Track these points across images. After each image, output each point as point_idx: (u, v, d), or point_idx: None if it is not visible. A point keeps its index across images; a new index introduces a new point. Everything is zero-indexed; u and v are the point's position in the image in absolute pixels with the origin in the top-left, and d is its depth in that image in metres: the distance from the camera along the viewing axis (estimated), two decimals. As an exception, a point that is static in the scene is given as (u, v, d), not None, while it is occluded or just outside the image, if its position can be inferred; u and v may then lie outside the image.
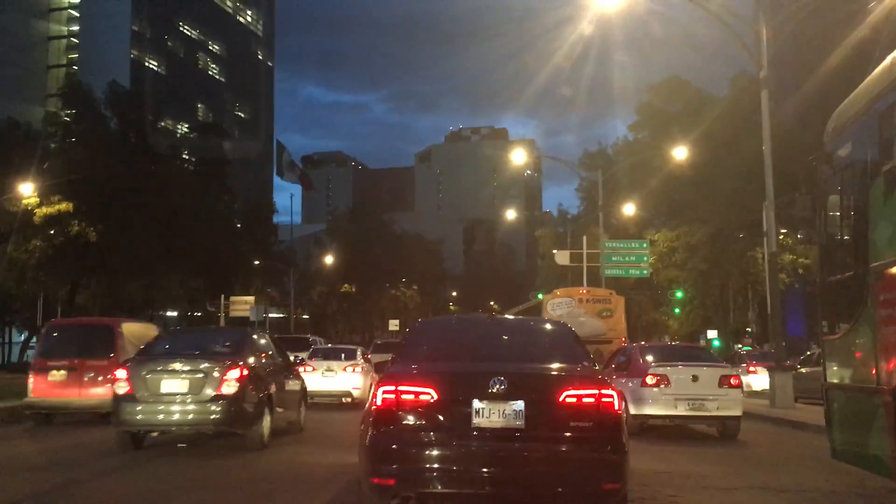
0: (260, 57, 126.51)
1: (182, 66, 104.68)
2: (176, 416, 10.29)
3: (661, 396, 12.39)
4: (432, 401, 5.37)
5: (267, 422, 10.83)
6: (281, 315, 73.10)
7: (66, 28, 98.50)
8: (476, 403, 5.36)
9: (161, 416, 10.26)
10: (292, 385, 12.61)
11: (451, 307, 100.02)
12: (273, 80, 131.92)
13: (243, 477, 8.54)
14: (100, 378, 13.82)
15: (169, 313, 70.00)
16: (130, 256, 39.97)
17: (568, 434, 5.35)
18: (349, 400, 18.27)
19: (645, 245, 34.10)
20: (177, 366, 10.44)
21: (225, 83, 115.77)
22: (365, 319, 71.48)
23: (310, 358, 19.27)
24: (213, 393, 10.16)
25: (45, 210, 32.74)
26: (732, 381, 12.69)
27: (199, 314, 68.44)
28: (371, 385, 14.19)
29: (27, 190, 31.80)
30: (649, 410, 12.56)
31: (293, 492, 7.61)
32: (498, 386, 5.32)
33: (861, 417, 6.69)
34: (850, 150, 7.18)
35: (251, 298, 61.73)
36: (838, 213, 7.41)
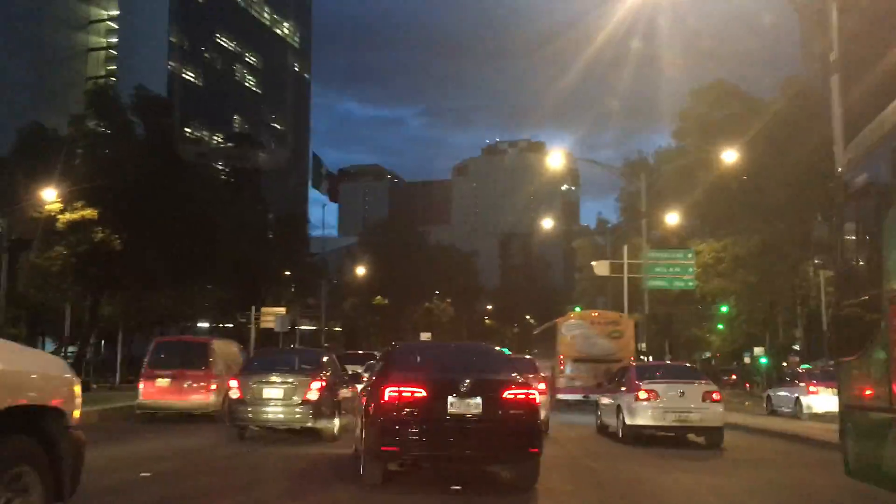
0: (296, 69, 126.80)
1: (219, 78, 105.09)
2: (273, 416, 13.83)
3: (652, 409, 14.02)
4: (422, 396, 8.24)
5: (337, 421, 14.09)
6: (313, 327, 72.18)
7: (105, 40, 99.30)
8: (450, 398, 8.22)
9: (263, 416, 13.83)
10: (352, 393, 14.94)
11: (487, 321, 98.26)
12: (309, 93, 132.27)
13: (322, 459, 11.65)
14: (196, 385, 17.65)
15: (200, 324, 69.46)
16: (156, 266, 39.16)
17: (507, 418, 8.24)
18: None
19: (690, 255, 32.15)
20: (274, 378, 13.99)
21: (261, 95, 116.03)
22: (397, 333, 70.00)
23: (364, 371, 21.21)
24: (301, 399, 13.63)
25: (68, 216, 31.85)
26: (714, 396, 14.36)
27: (231, 325, 67.73)
28: None
29: (50, 195, 30.93)
30: (641, 421, 14.15)
31: (355, 466, 9.77)
32: (465, 387, 8.23)
33: (875, 437, 7.00)
34: (866, 180, 7.53)
35: (282, 310, 60.73)
36: (854, 240, 7.89)
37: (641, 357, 40.82)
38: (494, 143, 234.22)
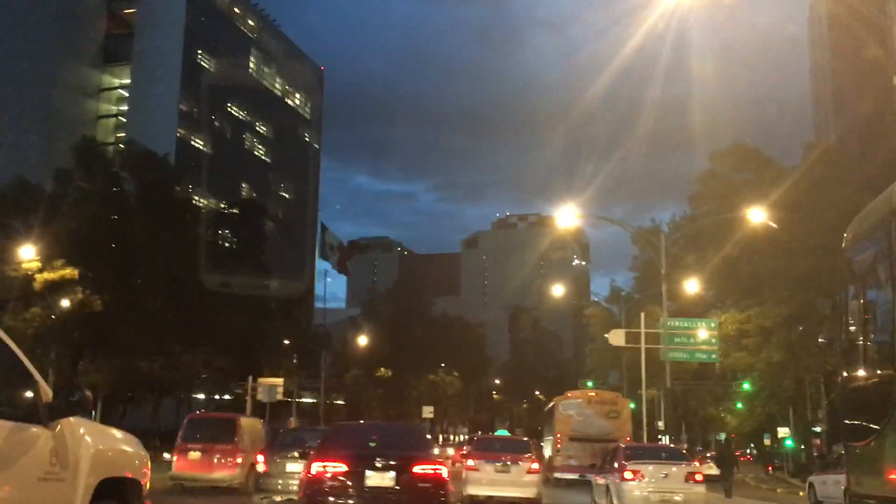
0: (307, 139, 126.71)
1: (228, 146, 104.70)
2: (294, 488, 13.53)
3: (638, 490, 14.24)
4: (343, 471, 9.59)
5: None
6: (313, 400, 69.26)
7: (115, 108, 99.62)
8: (368, 472, 9.50)
9: (286, 487, 14.20)
10: None
11: (495, 396, 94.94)
12: (319, 163, 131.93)
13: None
14: (225, 459, 18.60)
15: (196, 395, 66.68)
16: (143, 331, 37.02)
17: (417, 490, 9.46)
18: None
19: (713, 325, 29.70)
20: (296, 454, 14.72)
21: (270, 164, 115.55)
22: (401, 406, 67.01)
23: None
24: None
25: (46, 275, 29.86)
26: (696, 477, 14.74)
27: (229, 397, 64.93)
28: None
29: (28, 253, 29.00)
30: (627, 501, 14.30)
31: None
32: (380, 463, 9.51)
33: None
34: (871, 257, 7.40)
35: (280, 381, 58.08)
36: (861, 318, 7.59)
37: (659, 437, 37.99)
38: (505, 216, 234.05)
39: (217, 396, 66.26)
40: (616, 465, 15.17)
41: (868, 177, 38.90)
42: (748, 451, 79.71)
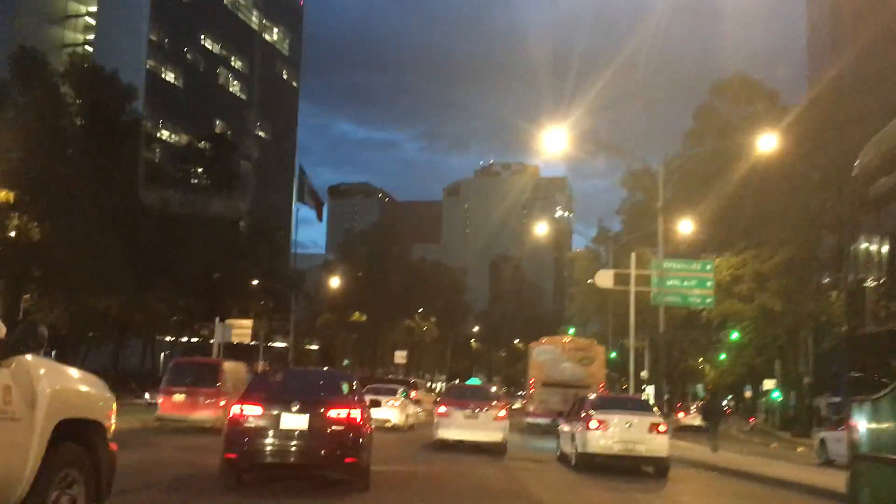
0: (285, 77, 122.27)
1: (201, 80, 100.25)
2: None
3: (601, 439, 14.50)
4: (259, 414, 9.90)
5: None
6: (284, 344, 66.90)
7: (81, 36, 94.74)
8: (283, 415, 9.81)
9: None
10: None
11: (473, 344, 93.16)
12: (297, 103, 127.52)
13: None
14: (208, 402, 19.46)
15: (164, 337, 64.05)
16: (91, 264, 34.18)
17: (329, 431, 9.80)
18: (389, 425, 23.68)
19: (709, 267, 27.29)
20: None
21: (246, 101, 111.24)
22: (375, 351, 64.83)
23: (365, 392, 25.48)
24: None
25: (-26, 198, 26.87)
26: (660, 428, 14.83)
27: (196, 339, 62.38)
28: (406, 416, 25.24)
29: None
30: (591, 450, 14.58)
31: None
32: (295, 407, 9.83)
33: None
34: (890, 186, 6.46)
35: (249, 322, 55.59)
36: (874, 257, 6.67)
37: (643, 388, 35.90)
38: (488, 164, 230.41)
39: (185, 339, 63.63)
40: (582, 413, 15.44)
41: (880, 108, 36.40)
42: (726, 403, 78.42)
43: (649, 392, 52.73)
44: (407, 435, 23.02)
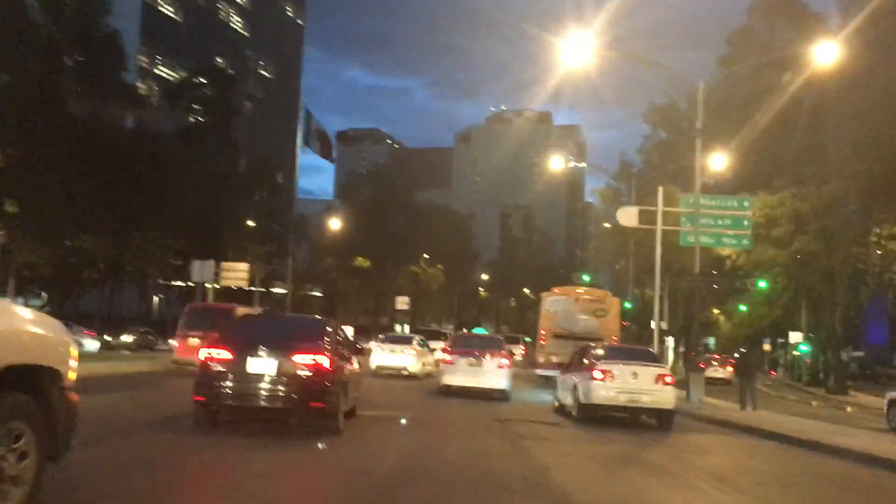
0: (289, 14, 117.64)
1: (201, 14, 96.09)
2: None
3: (605, 389, 13.96)
4: (227, 358, 9.90)
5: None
6: (284, 290, 64.32)
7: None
8: (250, 359, 9.81)
9: None
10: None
11: (482, 292, 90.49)
12: (303, 42, 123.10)
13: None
14: None
15: (155, 281, 61.48)
16: (67, 200, 31.34)
17: (297, 377, 9.78)
18: (406, 373, 24.65)
19: (746, 204, 24.13)
20: None
21: (249, 38, 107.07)
22: (378, 298, 62.14)
23: (383, 342, 26.83)
24: None
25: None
26: (666, 379, 14.25)
27: (192, 283, 59.80)
28: (423, 364, 26.18)
29: None
30: (595, 400, 14.05)
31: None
32: (263, 352, 9.82)
33: None
34: None
35: (244, 266, 52.90)
36: None
37: (665, 338, 33.14)
38: (500, 111, 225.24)
39: (181, 283, 61.04)
40: (586, 363, 14.93)
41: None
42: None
43: (669, 344, 50.10)
44: (422, 382, 23.14)
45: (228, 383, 9.74)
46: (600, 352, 15.43)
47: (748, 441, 13.48)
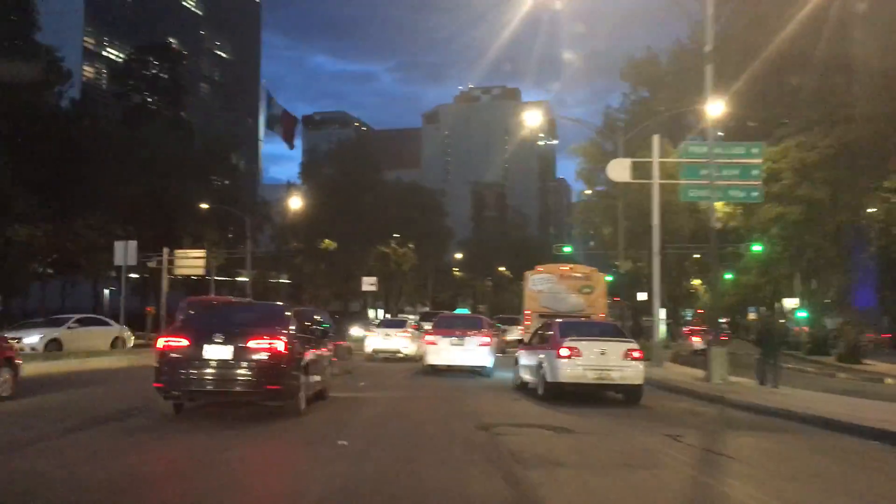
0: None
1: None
2: None
3: (573, 366, 13.56)
4: (184, 345, 10.22)
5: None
6: (245, 279, 60.55)
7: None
8: (206, 346, 10.09)
9: None
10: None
11: (456, 273, 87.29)
12: (260, 20, 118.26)
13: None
14: None
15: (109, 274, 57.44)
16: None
17: (252, 361, 10.10)
18: (401, 355, 26.15)
19: (756, 151, 21.03)
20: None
21: (203, 17, 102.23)
22: (347, 283, 58.63)
23: (378, 326, 29.30)
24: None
25: None
26: (634, 354, 13.80)
27: (147, 275, 55.83)
28: (418, 346, 25.44)
29: None
30: (562, 378, 13.62)
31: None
32: (218, 338, 10.10)
33: None
34: None
35: (200, 253, 49.19)
36: None
37: (661, 309, 30.53)
38: (468, 88, 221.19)
39: (135, 275, 57.00)
40: (550, 341, 14.54)
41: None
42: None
43: (661, 316, 47.26)
44: (415, 364, 23.08)
45: (186, 369, 10.04)
46: (563, 328, 14.82)
47: (822, 437, 10.19)
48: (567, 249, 43.55)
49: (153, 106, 60.33)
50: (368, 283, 42.70)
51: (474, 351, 19.42)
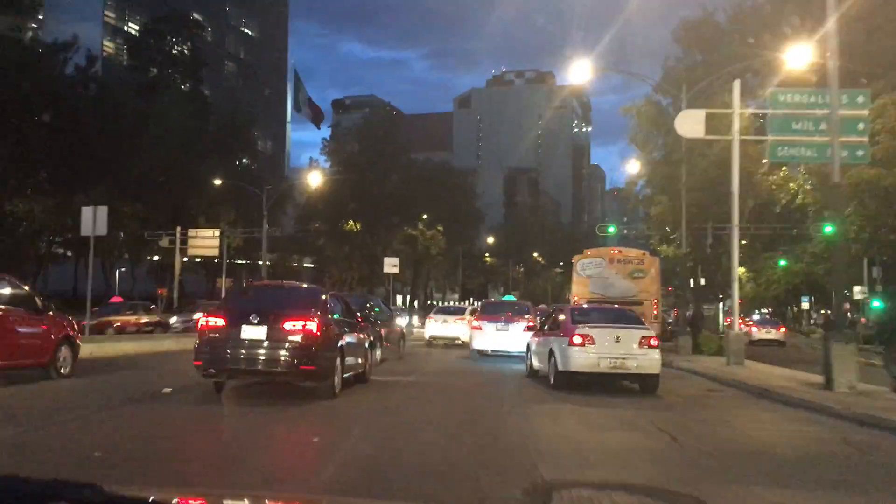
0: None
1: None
2: None
3: (586, 355, 12.84)
4: (221, 325, 10.64)
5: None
6: (269, 262, 57.27)
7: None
8: (244, 327, 10.44)
9: None
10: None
11: (487, 258, 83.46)
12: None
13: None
14: None
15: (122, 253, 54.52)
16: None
17: (286, 341, 10.37)
18: (459, 342, 25.64)
19: (861, 100, 16.96)
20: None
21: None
22: (372, 266, 55.04)
23: (436, 313, 29.02)
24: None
25: None
26: (651, 342, 13.04)
27: (157, 258, 52.79)
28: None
29: None
30: (574, 367, 12.91)
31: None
32: (254, 318, 10.42)
33: None
34: None
35: (213, 233, 46.02)
36: None
37: (730, 295, 26.85)
38: (500, 72, 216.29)
39: (151, 258, 54.02)
40: (562, 327, 13.67)
41: None
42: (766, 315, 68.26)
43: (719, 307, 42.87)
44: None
45: (224, 349, 10.44)
46: (576, 313, 14.38)
47: None
48: (611, 230, 39.71)
49: (169, 79, 57.13)
50: (391, 265, 39.07)
51: (519, 336, 18.86)
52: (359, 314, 14.47)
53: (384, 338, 17.34)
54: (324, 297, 11.58)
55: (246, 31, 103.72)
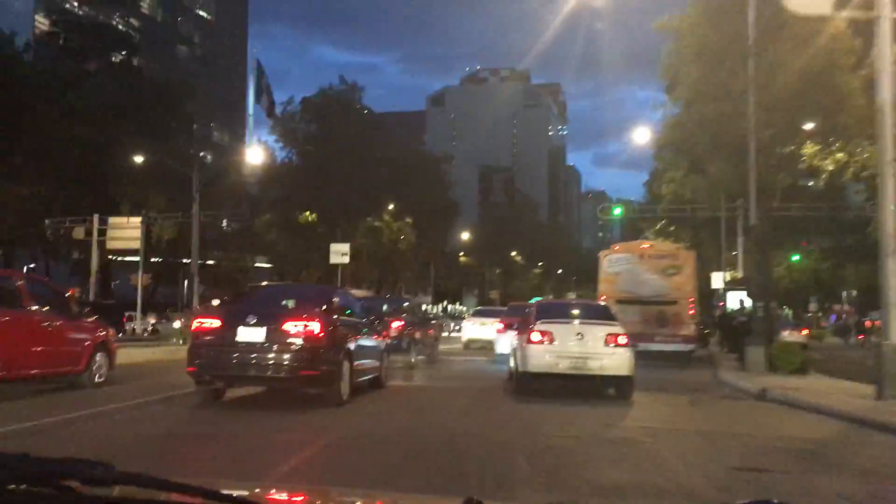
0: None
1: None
2: None
3: (543, 354, 12.01)
4: (217, 327, 10.02)
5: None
6: (211, 262, 49.85)
7: None
8: (240, 328, 9.79)
9: None
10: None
11: (462, 257, 76.71)
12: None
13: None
14: None
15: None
16: None
17: (286, 344, 9.69)
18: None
19: None
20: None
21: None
22: (329, 262, 47.83)
23: (472, 315, 30.18)
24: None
25: None
26: (619, 339, 12.10)
27: (78, 256, 45.28)
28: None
29: None
30: (531, 368, 12.12)
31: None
32: (251, 320, 9.81)
33: None
34: None
35: (134, 222, 38.74)
36: None
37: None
38: (475, 70, 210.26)
39: (69, 252, 46.45)
40: (525, 324, 13.10)
41: None
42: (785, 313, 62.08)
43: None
44: None
45: (219, 353, 9.84)
46: (542, 309, 13.61)
47: None
48: (617, 212, 33.29)
49: (80, 48, 49.45)
50: (339, 253, 32.07)
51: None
52: (378, 316, 13.97)
53: (419, 341, 17.51)
54: (331, 296, 11.37)
55: (202, 13, 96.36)
